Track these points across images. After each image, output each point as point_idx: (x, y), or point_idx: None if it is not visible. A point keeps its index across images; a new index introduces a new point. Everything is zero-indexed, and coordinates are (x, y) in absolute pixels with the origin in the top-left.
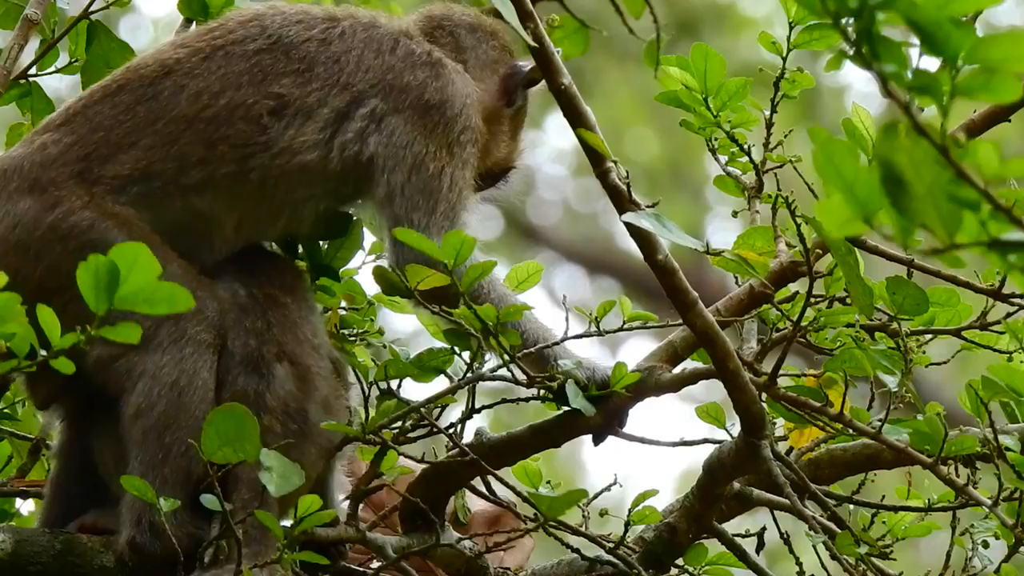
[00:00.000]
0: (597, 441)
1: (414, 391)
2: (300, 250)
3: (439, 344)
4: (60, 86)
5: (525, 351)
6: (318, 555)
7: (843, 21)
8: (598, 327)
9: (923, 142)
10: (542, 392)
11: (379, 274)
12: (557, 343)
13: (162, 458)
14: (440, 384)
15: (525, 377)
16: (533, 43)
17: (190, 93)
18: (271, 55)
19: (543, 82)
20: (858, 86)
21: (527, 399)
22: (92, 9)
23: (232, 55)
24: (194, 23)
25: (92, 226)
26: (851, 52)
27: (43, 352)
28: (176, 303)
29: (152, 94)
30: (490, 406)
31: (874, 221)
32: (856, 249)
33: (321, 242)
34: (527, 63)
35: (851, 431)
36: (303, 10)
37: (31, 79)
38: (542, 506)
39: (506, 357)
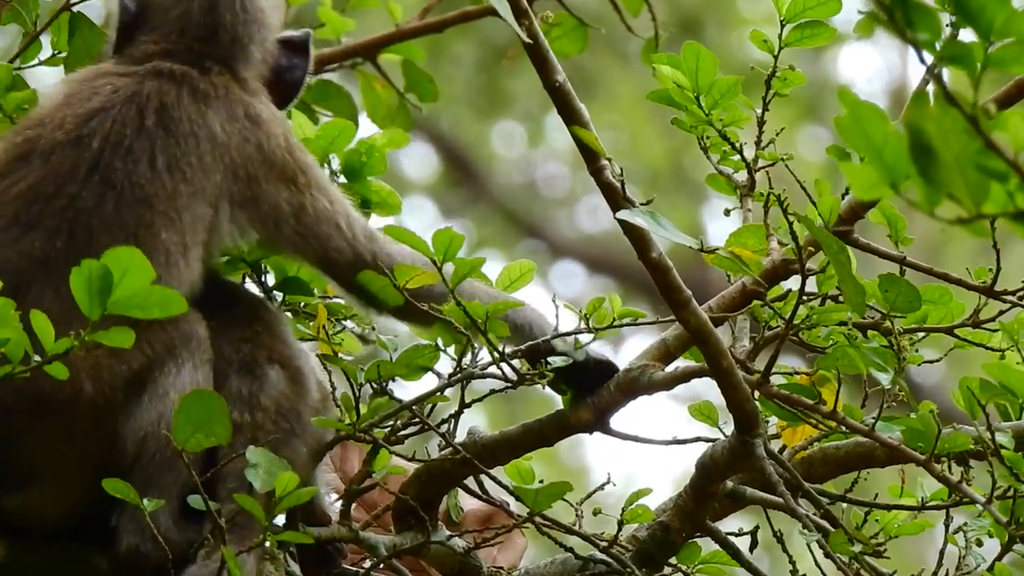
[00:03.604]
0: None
1: (404, 389)
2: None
3: (422, 341)
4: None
5: (527, 344)
6: (300, 535)
7: None
8: (588, 324)
9: (953, 111)
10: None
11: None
12: (548, 339)
13: (169, 473)
14: (431, 381)
15: (515, 375)
16: (528, 40)
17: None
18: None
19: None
20: (858, 87)
21: (514, 385)
22: (73, 1)
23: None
24: None
25: None
26: (884, 17)
27: (37, 358)
28: (169, 307)
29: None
30: (481, 399)
31: (901, 187)
32: (848, 247)
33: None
34: (292, 34)
35: (844, 429)
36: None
37: (15, 72)
38: (528, 499)
39: (496, 355)
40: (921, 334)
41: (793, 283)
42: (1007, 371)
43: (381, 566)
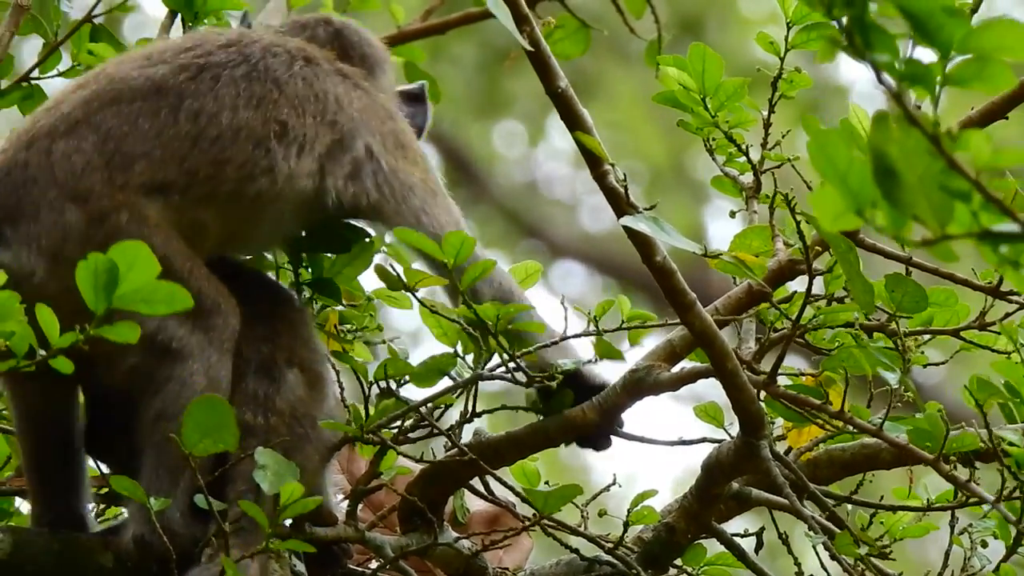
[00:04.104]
0: (599, 447)
1: (414, 391)
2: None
3: (439, 344)
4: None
5: (526, 351)
6: (304, 543)
7: (835, 11)
8: (596, 326)
9: (915, 132)
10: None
11: (382, 272)
12: (556, 342)
13: (180, 463)
14: (440, 384)
15: (524, 377)
16: (529, 47)
17: (188, 112)
18: (262, 85)
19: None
20: (859, 86)
21: (525, 386)
22: (95, 12)
23: (221, 78)
24: (179, 16)
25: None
26: (844, 42)
27: (42, 352)
28: (175, 303)
29: (151, 110)
30: (491, 411)
31: (866, 213)
32: (855, 247)
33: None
34: (409, 87)
35: (852, 429)
36: (273, 41)
37: (33, 82)
38: (538, 503)
39: (505, 357)
40: (927, 336)
41: (799, 284)
42: (1013, 370)
43: (387, 567)
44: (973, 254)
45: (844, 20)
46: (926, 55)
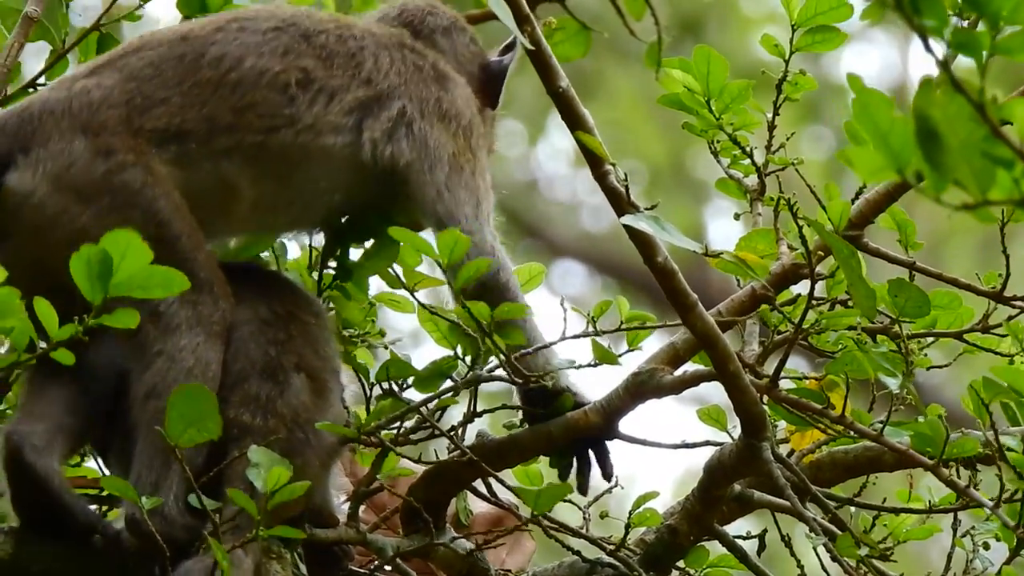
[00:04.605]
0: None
1: (415, 392)
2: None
3: (438, 347)
4: None
5: (523, 352)
6: (293, 529)
7: None
8: (595, 326)
9: (959, 98)
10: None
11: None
12: (555, 343)
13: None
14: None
15: (521, 379)
16: (530, 47)
17: (211, 58)
18: (289, 35)
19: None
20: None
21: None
22: (103, 21)
23: (248, 29)
24: None
25: (141, 189)
26: (891, 2)
27: (43, 344)
28: (172, 286)
29: (174, 55)
30: (491, 411)
31: (906, 171)
32: (858, 252)
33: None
34: (498, 58)
35: (853, 433)
36: (308, 10)
37: (39, 88)
38: (529, 501)
39: (502, 357)
40: (930, 339)
41: (803, 288)
42: (1015, 374)
43: (389, 568)
44: (969, 251)
45: None
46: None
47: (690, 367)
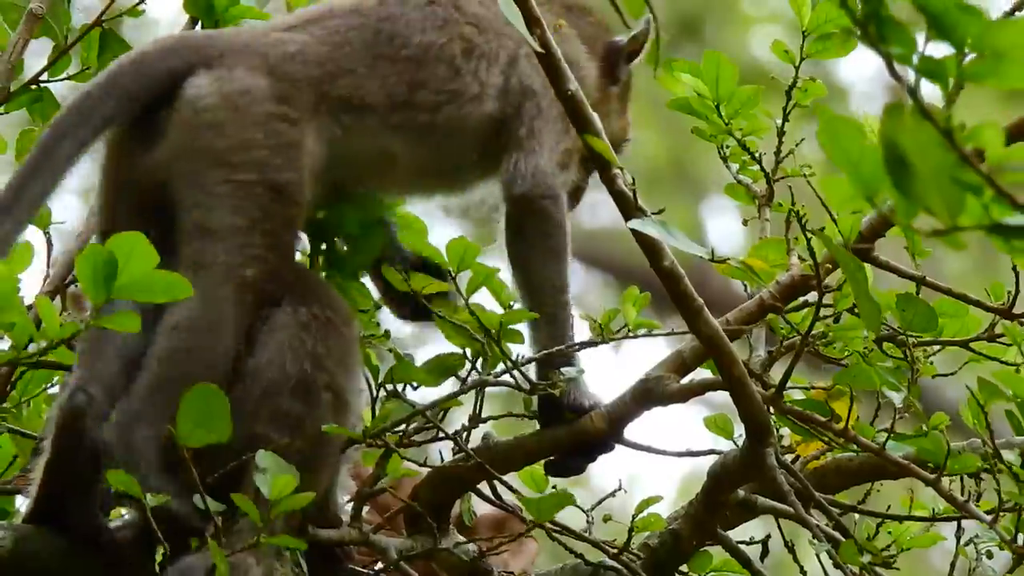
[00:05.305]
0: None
1: (421, 395)
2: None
3: (443, 346)
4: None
5: (528, 359)
6: (294, 539)
7: (850, 1)
8: (602, 334)
9: (927, 125)
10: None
11: (388, 272)
12: (563, 349)
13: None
14: (447, 388)
15: (528, 384)
16: (540, 49)
17: (386, 35)
18: (443, 7)
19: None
20: (860, 86)
21: (529, 392)
22: (105, 17)
23: (408, 3)
24: (199, 24)
25: (287, 154)
26: (858, 32)
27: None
28: (174, 292)
29: (355, 25)
30: (496, 417)
31: (876, 200)
32: (866, 265)
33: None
34: (622, 37)
35: (855, 447)
36: None
37: (42, 85)
38: (531, 509)
39: (508, 363)
40: (936, 346)
41: (812, 297)
42: (1018, 381)
43: (392, 569)
44: (985, 274)
45: (859, 12)
46: (937, 49)
47: (697, 375)
